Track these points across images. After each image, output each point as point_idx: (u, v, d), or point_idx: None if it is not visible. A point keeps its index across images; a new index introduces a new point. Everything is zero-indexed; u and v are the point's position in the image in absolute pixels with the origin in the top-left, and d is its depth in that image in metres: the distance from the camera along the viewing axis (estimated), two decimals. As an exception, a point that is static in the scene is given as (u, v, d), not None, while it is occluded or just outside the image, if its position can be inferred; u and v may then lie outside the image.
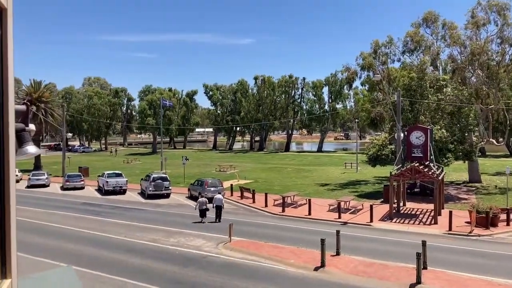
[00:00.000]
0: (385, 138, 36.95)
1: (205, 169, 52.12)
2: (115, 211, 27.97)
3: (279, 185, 38.75)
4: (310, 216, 25.00)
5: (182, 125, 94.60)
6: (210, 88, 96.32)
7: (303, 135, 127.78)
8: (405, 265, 15.38)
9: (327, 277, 14.53)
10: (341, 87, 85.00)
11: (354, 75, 45.21)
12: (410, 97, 33.54)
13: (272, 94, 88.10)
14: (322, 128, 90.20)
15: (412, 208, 27.27)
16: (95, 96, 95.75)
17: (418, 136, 25.18)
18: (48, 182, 40.54)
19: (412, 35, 38.16)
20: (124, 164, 61.80)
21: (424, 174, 23.94)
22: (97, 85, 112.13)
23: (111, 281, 14.18)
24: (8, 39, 1.69)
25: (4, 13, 1.66)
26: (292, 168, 54.05)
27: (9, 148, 1.74)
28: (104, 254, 17.46)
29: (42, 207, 28.76)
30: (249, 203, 29.47)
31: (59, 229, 22.40)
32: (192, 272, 14.96)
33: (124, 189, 35.51)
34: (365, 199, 30.34)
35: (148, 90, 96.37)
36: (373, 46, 41.82)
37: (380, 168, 39.13)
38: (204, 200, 24.56)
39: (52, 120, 53.62)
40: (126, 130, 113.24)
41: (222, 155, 79.41)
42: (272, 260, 16.43)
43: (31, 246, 17.83)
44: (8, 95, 1.70)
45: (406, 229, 21.94)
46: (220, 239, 19.63)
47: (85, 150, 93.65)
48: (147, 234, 21.00)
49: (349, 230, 21.43)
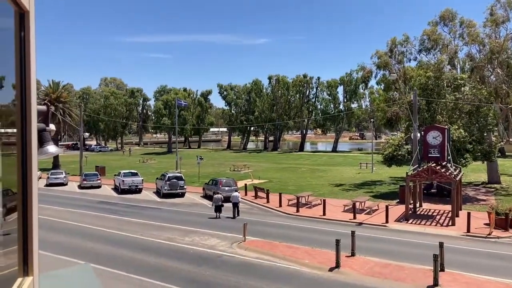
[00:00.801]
0: (401, 138, 36.48)
1: (220, 169, 52.32)
2: (131, 209, 28.31)
3: (293, 185, 38.63)
4: (325, 217, 24.86)
5: (196, 125, 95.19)
6: (225, 88, 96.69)
7: (318, 135, 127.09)
8: (421, 267, 15.16)
9: (342, 278, 14.43)
10: (356, 86, 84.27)
11: (370, 74, 44.79)
12: (427, 97, 33.03)
13: (287, 94, 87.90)
14: (336, 127, 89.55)
15: (428, 209, 26.87)
16: (112, 96, 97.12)
17: (435, 136, 24.79)
18: (66, 181, 41.30)
19: (429, 34, 37.58)
20: (140, 163, 62.50)
21: (441, 174, 23.55)
22: (114, 85, 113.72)
23: (127, 279, 14.36)
24: (30, 41, 1.73)
25: (26, 16, 1.70)
26: (306, 168, 53.82)
27: (32, 148, 1.77)
28: (120, 252, 17.70)
29: (60, 205, 29.30)
30: (263, 203, 29.46)
31: (77, 227, 22.79)
32: (206, 271, 15.04)
33: (140, 188, 35.92)
34: (380, 199, 30.01)
35: (163, 90, 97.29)
36: (389, 44, 41.35)
37: (396, 168, 38.65)
38: (219, 196, 25.52)
39: (70, 120, 54.60)
40: (141, 129, 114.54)
41: (236, 155, 79.59)
42: (286, 260, 16.39)
43: (50, 244, 18.19)
44: (31, 96, 1.74)
45: (423, 230, 21.62)
46: (234, 238, 19.68)
47: (102, 149, 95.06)
48: (162, 233, 21.19)
49: (364, 230, 21.23)
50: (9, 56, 1.67)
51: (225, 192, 29.24)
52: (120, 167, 48.12)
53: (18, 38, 1.69)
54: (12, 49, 1.67)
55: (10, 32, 1.66)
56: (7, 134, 1.77)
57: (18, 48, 1.70)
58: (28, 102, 1.74)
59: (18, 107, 1.73)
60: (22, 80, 1.71)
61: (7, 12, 1.60)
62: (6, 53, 1.65)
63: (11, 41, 1.67)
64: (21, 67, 1.71)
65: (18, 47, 1.70)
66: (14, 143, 1.74)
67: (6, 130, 1.78)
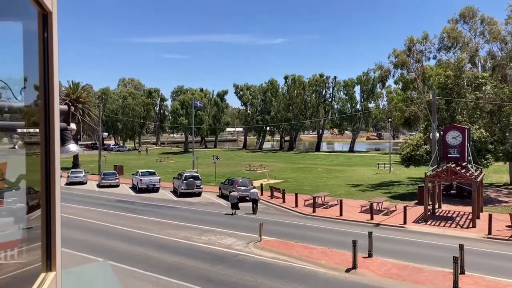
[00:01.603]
0: (420, 138, 35.89)
1: (236, 168, 52.46)
2: (149, 208, 28.65)
3: (310, 185, 38.44)
4: (342, 217, 24.66)
5: (213, 125, 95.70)
6: (241, 88, 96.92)
7: (334, 134, 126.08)
8: (441, 269, 14.88)
9: (359, 279, 14.28)
10: (373, 86, 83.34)
11: (387, 73, 44.22)
12: (446, 96, 32.40)
13: (303, 94, 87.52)
14: (353, 127, 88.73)
15: (448, 211, 26.36)
16: (130, 96, 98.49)
17: (454, 136, 24.31)
18: (85, 180, 42.07)
19: (449, 31, 36.86)
20: (157, 163, 63.18)
21: (461, 175, 23.08)
22: (132, 85, 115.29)
23: (144, 276, 14.54)
24: (53, 42, 1.77)
25: (49, 17, 1.74)
26: (322, 168, 53.49)
27: (55, 147, 1.81)
28: (138, 250, 17.93)
29: (79, 204, 29.87)
30: (279, 203, 29.41)
31: (96, 225, 23.19)
32: (222, 271, 15.10)
33: (157, 187, 36.31)
34: (398, 200, 29.61)
35: (180, 91, 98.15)
36: (407, 43, 40.73)
37: (414, 169, 38.03)
38: (235, 194, 26.82)
39: (89, 120, 55.60)
40: (159, 129, 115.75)
41: (252, 155, 79.67)
42: (303, 260, 16.32)
43: (70, 241, 18.56)
44: (54, 96, 1.78)
45: (442, 232, 21.22)
46: (250, 238, 19.70)
47: (120, 149, 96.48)
48: (179, 231, 21.38)
49: (382, 231, 20.98)
50: (33, 56, 1.71)
51: (241, 191, 29.74)
52: (138, 167, 48.74)
53: (41, 39, 1.73)
54: (35, 50, 1.71)
55: (34, 33, 1.70)
56: (30, 134, 1.82)
57: (42, 49, 1.73)
58: (51, 102, 1.77)
59: (41, 107, 1.77)
60: (45, 80, 1.75)
61: (31, 13, 1.64)
62: (30, 54, 1.69)
63: (35, 42, 1.71)
64: (45, 68, 1.74)
65: (41, 47, 1.73)
66: (37, 142, 1.78)
67: (30, 129, 1.82)
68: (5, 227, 1.79)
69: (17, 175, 1.82)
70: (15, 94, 1.72)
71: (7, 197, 1.77)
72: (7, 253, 1.64)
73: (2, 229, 1.77)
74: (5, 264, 1.64)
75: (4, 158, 1.80)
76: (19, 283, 1.71)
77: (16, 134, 1.95)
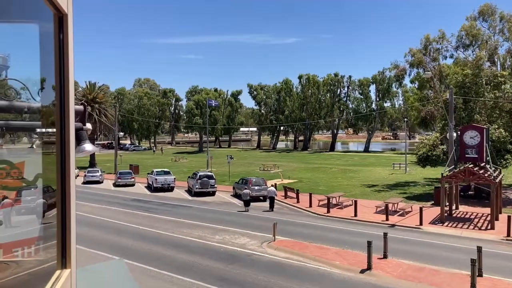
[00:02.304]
0: (436, 137, 35.33)
1: (249, 168, 52.52)
2: (163, 207, 28.91)
3: (324, 185, 38.23)
4: (356, 218, 24.45)
5: (227, 125, 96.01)
6: (255, 88, 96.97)
7: (349, 134, 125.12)
8: (458, 272, 14.62)
9: (374, 280, 14.14)
10: (389, 85, 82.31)
11: (403, 72, 43.66)
12: (464, 95, 31.81)
13: (317, 93, 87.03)
14: (369, 127, 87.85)
15: (465, 212, 25.88)
16: (145, 96, 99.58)
17: (472, 136, 23.86)
18: (101, 179, 42.69)
19: (467, 29, 36.17)
20: (172, 162, 63.70)
21: (479, 176, 22.63)
22: (147, 86, 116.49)
23: (159, 275, 14.68)
24: (69, 43, 1.80)
25: (65, 19, 1.77)
26: (337, 169, 53.13)
27: (70, 146, 1.85)
28: (152, 248, 18.11)
29: (96, 202, 30.34)
30: (293, 203, 29.33)
31: (111, 224, 23.52)
32: (236, 270, 15.14)
33: (172, 187, 36.62)
34: (414, 201, 29.21)
35: (194, 91, 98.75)
36: (423, 42, 40.17)
37: (431, 169, 37.48)
38: (247, 192, 28.07)
39: (106, 120, 56.43)
40: (174, 129, 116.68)
41: (266, 154, 79.65)
42: (316, 261, 16.24)
43: (86, 239, 18.87)
44: (69, 96, 1.81)
45: (459, 234, 20.85)
46: (264, 238, 19.71)
47: (136, 148, 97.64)
48: (193, 230, 21.52)
49: (397, 232, 20.73)
50: (49, 58, 1.74)
51: (254, 191, 30.21)
52: (153, 166, 49.23)
53: (57, 40, 1.76)
54: (51, 51, 1.75)
55: (50, 35, 1.73)
56: (47, 134, 1.86)
57: (58, 50, 1.77)
58: (66, 102, 1.81)
59: (57, 107, 1.81)
60: (61, 81, 1.79)
61: (47, 15, 1.67)
62: (46, 55, 1.73)
63: (51, 43, 1.74)
64: (60, 69, 1.78)
65: (57, 49, 1.77)
66: (53, 142, 1.81)
67: (46, 129, 1.86)
68: (22, 224, 1.83)
69: (34, 174, 1.86)
70: (33, 95, 1.76)
71: (25, 196, 1.81)
72: (24, 250, 1.68)
73: (19, 227, 1.81)
74: (22, 261, 1.68)
75: (22, 158, 1.84)
76: (35, 280, 1.74)
77: (34, 134, 2.00)
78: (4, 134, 1.93)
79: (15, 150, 1.94)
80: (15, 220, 1.75)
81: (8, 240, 1.69)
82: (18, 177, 1.77)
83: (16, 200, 1.76)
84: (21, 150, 1.98)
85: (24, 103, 1.81)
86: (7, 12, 1.47)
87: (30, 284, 1.73)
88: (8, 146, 1.95)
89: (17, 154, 1.87)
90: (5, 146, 1.93)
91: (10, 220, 1.66)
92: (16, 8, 1.52)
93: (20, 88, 1.76)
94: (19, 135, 2.11)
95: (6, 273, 1.63)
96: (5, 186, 1.71)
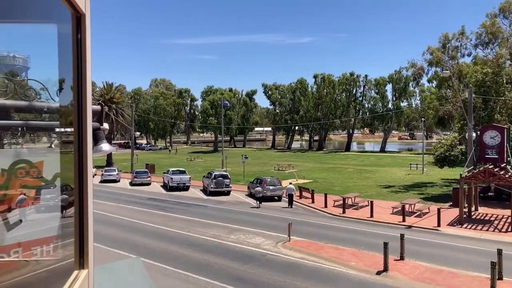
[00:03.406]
0: (454, 138, 34.68)
1: (264, 168, 52.49)
2: (179, 206, 29.12)
3: (339, 185, 37.93)
4: (372, 219, 24.19)
5: (242, 125, 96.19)
6: (269, 88, 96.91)
7: (365, 134, 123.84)
8: (477, 275, 14.31)
9: (390, 282, 13.95)
10: (406, 84, 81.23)
11: (421, 71, 43.02)
12: (484, 94, 31.13)
13: (332, 93, 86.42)
14: (385, 127, 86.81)
15: (485, 214, 25.33)
16: (161, 97, 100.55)
17: (492, 136, 23.35)
18: (118, 178, 43.27)
19: (488, 26, 35.36)
20: (187, 161, 64.16)
21: (499, 177, 22.12)
22: (163, 86, 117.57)
23: (174, 274, 14.78)
24: (86, 44, 1.81)
25: (83, 19, 1.78)
26: (353, 169, 52.66)
27: (88, 146, 1.86)
28: (168, 247, 18.26)
29: (113, 201, 30.75)
30: (308, 203, 29.19)
31: (128, 222, 23.80)
32: (251, 270, 15.14)
33: (188, 186, 36.87)
34: (431, 202, 28.73)
35: (210, 91, 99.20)
36: (441, 40, 39.47)
37: (449, 170, 36.83)
38: (259, 189, 29.22)
39: (122, 120, 57.15)
40: (189, 129, 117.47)
41: (280, 154, 79.49)
42: (332, 261, 16.12)
43: (102, 237, 19.15)
44: (87, 96, 1.82)
45: (479, 236, 20.41)
46: (279, 238, 19.65)
47: (152, 148, 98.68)
48: (208, 230, 21.61)
49: (414, 234, 20.42)
50: (67, 58, 1.75)
51: (269, 191, 30.52)
52: (169, 165, 49.65)
53: (75, 40, 1.77)
54: (69, 51, 1.76)
55: (68, 35, 1.74)
56: (65, 133, 1.87)
57: (75, 51, 1.78)
58: (84, 102, 1.82)
59: (75, 107, 1.82)
60: (78, 81, 1.80)
61: (65, 16, 1.68)
62: (64, 55, 1.74)
63: (69, 43, 1.75)
64: (78, 69, 1.79)
65: (75, 49, 1.78)
66: (71, 142, 1.83)
67: (64, 129, 1.87)
68: (41, 223, 1.85)
69: (53, 174, 1.88)
70: (52, 95, 1.77)
71: (44, 194, 1.83)
72: (42, 249, 1.69)
73: (38, 226, 1.82)
74: (40, 260, 1.69)
75: (41, 157, 1.86)
76: (53, 279, 1.76)
77: (53, 134, 2.02)
78: (24, 134, 1.96)
79: (34, 150, 1.96)
80: (33, 219, 1.76)
81: (27, 239, 1.70)
82: (37, 176, 1.78)
83: (35, 199, 1.78)
84: (40, 149, 2.00)
85: (43, 103, 1.83)
86: (26, 13, 1.48)
87: (48, 283, 1.74)
88: (28, 145, 1.98)
89: (36, 154, 1.89)
90: (25, 145, 1.96)
91: (25, 219, 1.68)
92: (35, 9, 1.53)
93: (40, 88, 1.77)
94: (38, 134, 2.14)
95: (24, 271, 1.64)
96: (24, 185, 1.73)
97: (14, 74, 1.89)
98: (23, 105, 1.82)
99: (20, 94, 1.76)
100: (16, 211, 1.62)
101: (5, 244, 1.56)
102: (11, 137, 1.97)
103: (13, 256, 1.57)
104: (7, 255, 1.55)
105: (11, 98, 1.76)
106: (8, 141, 1.98)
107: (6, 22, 1.43)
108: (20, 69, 2.08)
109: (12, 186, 1.65)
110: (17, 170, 1.70)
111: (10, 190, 1.63)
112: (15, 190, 1.65)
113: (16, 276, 1.55)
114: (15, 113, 1.90)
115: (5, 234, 1.53)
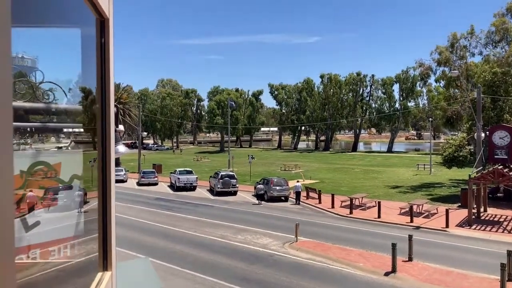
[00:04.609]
0: (463, 138, 34.41)
1: (270, 168, 52.45)
2: (186, 206, 29.20)
3: (346, 186, 37.80)
4: (380, 219, 24.07)
5: (248, 125, 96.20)
6: (276, 88, 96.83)
7: (372, 134, 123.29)
8: (486, 276, 14.19)
9: (399, 283, 13.88)
10: (413, 84, 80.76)
11: (429, 71, 42.77)
12: (493, 94, 30.86)
13: (339, 92, 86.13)
14: (392, 127, 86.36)
15: (494, 215, 25.09)
16: (168, 97, 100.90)
17: (502, 136, 23.15)
18: (126, 178, 43.49)
19: (497, 25, 35.05)
20: (194, 162, 64.31)
21: (509, 177, 21.92)
22: (170, 86, 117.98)
23: (181, 273, 14.83)
24: (110, 47, 1.83)
25: (106, 23, 1.80)
26: (360, 169, 52.45)
27: (111, 148, 1.87)
28: (175, 247, 18.31)
29: (120, 201, 30.87)
30: (315, 204, 29.12)
31: (135, 222, 23.92)
32: (258, 270, 15.14)
33: (194, 186, 36.97)
34: (439, 203, 28.52)
35: (216, 91, 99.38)
36: (450, 39, 39.21)
37: (457, 170, 36.54)
38: (261, 187, 30.05)
39: (130, 120, 57.49)
40: (196, 129, 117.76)
41: (287, 154, 79.39)
42: (339, 262, 16.07)
43: (112, 237, 19.23)
44: (110, 99, 1.84)
45: (488, 237, 20.22)
46: (286, 238, 19.64)
47: (159, 148, 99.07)
48: (215, 230, 21.65)
49: (422, 235, 20.29)
50: (91, 61, 1.77)
51: (276, 191, 30.60)
52: (176, 165, 49.80)
53: (99, 44, 1.79)
54: (93, 55, 1.77)
55: (92, 39, 1.76)
56: (88, 135, 1.89)
57: (99, 54, 1.80)
58: (107, 104, 1.83)
59: (99, 110, 1.83)
60: (102, 84, 1.81)
61: (89, 20, 1.70)
62: (88, 58, 1.76)
63: (93, 47, 1.77)
64: (102, 72, 1.80)
65: (99, 53, 1.79)
66: (94, 143, 1.84)
67: (88, 131, 1.89)
68: (59, 224, 1.86)
69: (70, 175, 1.89)
70: (73, 98, 1.79)
71: (61, 196, 1.84)
72: (67, 250, 1.71)
73: (60, 227, 1.84)
74: (63, 262, 1.70)
75: (59, 158, 1.87)
76: (78, 281, 1.77)
77: (72, 135, 2.04)
78: (43, 135, 1.98)
79: (52, 151, 1.98)
80: (53, 220, 1.78)
81: (45, 240, 1.72)
82: (54, 178, 1.80)
83: (53, 200, 1.80)
84: (58, 151, 2.02)
85: (63, 105, 1.84)
86: (52, 17, 1.50)
87: (74, 284, 1.76)
88: (45, 146, 2.00)
89: (53, 155, 1.91)
90: (45, 146, 1.97)
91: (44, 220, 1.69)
92: (61, 14, 1.54)
93: (61, 90, 1.79)
94: (58, 136, 2.16)
95: (45, 272, 1.66)
96: (42, 186, 1.75)
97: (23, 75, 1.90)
98: (43, 107, 1.83)
99: (38, 97, 1.77)
100: (35, 212, 1.63)
101: (24, 245, 1.58)
102: (29, 138, 2.00)
103: (31, 258, 1.58)
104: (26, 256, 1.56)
105: (29, 101, 1.77)
106: (26, 142, 2.00)
107: (32, 26, 1.45)
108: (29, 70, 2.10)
109: (31, 187, 1.66)
110: (35, 172, 1.72)
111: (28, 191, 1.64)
112: (33, 191, 1.67)
113: (40, 277, 1.57)
114: (35, 115, 1.91)
115: (24, 235, 1.55)
